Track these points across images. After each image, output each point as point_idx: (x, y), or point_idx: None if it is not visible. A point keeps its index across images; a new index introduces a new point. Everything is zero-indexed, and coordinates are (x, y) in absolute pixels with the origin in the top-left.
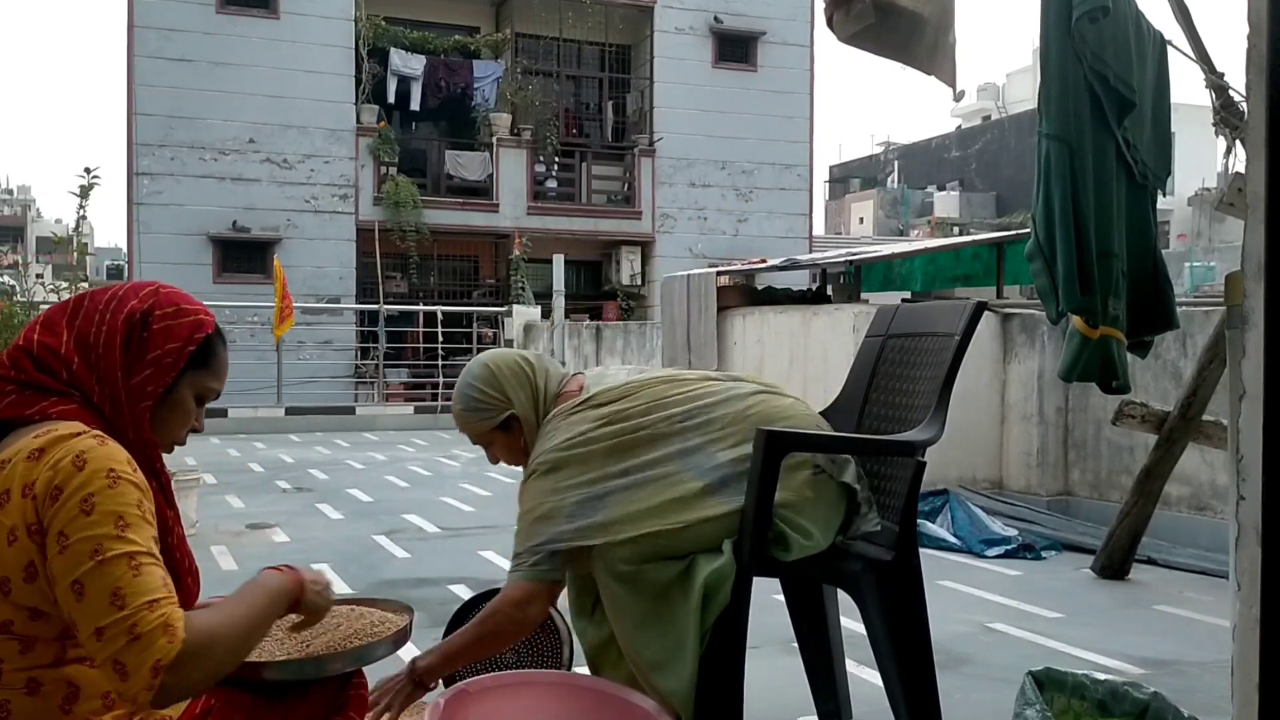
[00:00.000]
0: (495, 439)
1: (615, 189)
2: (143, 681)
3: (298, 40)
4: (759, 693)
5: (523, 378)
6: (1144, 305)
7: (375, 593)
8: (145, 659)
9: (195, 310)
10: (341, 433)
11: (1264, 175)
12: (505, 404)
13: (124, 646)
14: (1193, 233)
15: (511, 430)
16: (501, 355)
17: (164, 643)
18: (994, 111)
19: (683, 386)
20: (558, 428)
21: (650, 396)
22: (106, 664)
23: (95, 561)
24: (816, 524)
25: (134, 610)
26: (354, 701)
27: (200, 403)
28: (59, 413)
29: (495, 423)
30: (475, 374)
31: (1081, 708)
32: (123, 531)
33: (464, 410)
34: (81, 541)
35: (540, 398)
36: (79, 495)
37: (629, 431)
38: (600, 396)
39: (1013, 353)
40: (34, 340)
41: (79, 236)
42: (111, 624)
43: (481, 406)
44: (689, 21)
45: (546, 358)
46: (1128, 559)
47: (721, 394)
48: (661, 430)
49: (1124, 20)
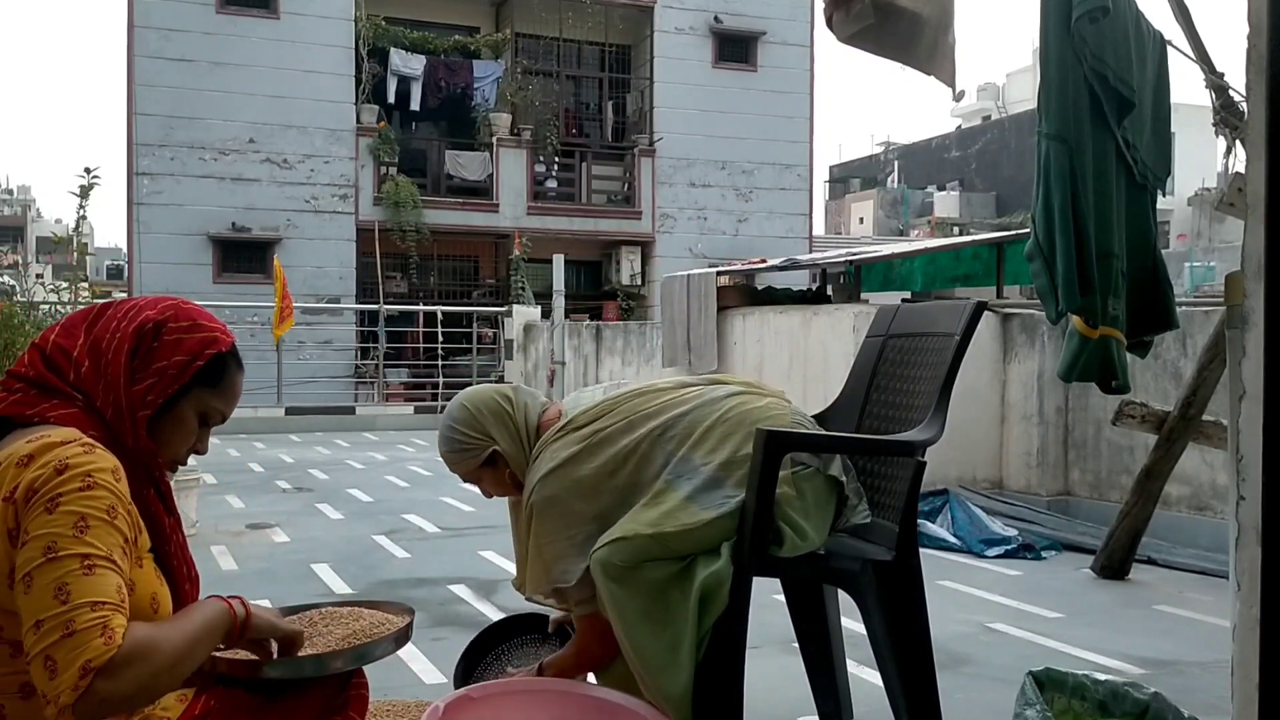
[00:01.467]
0: (484, 475)
1: (615, 189)
2: (70, 680)
3: (298, 40)
4: (759, 693)
5: (501, 414)
6: (1144, 305)
7: (375, 593)
8: (76, 657)
9: (212, 328)
10: (341, 433)
11: (1264, 175)
12: (487, 441)
13: (57, 641)
14: (1193, 233)
15: (497, 465)
16: (478, 394)
17: (99, 643)
18: (994, 111)
19: (658, 397)
20: (541, 457)
21: (626, 412)
22: (39, 659)
23: (47, 558)
24: (808, 520)
25: (74, 606)
26: (354, 701)
27: (205, 423)
28: (58, 416)
29: (480, 460)
30: (455, 416)
31: (1082, 708)
32: (81, 533)
33: (449, 452)
34: (39, 538)
35: (522, 431)
36: (48, 496)
37: (611, 453)
38: (578, 419)
39: (1013, 353)
40: (50, 340)
41: (79, 236)
42: (50, 617)
43: (465, 447)
44: (689, 21)
45: (524, 389)
46: (1128, 559)
47: (695, 400)
48: (643, 448)
49: (1124, 20)
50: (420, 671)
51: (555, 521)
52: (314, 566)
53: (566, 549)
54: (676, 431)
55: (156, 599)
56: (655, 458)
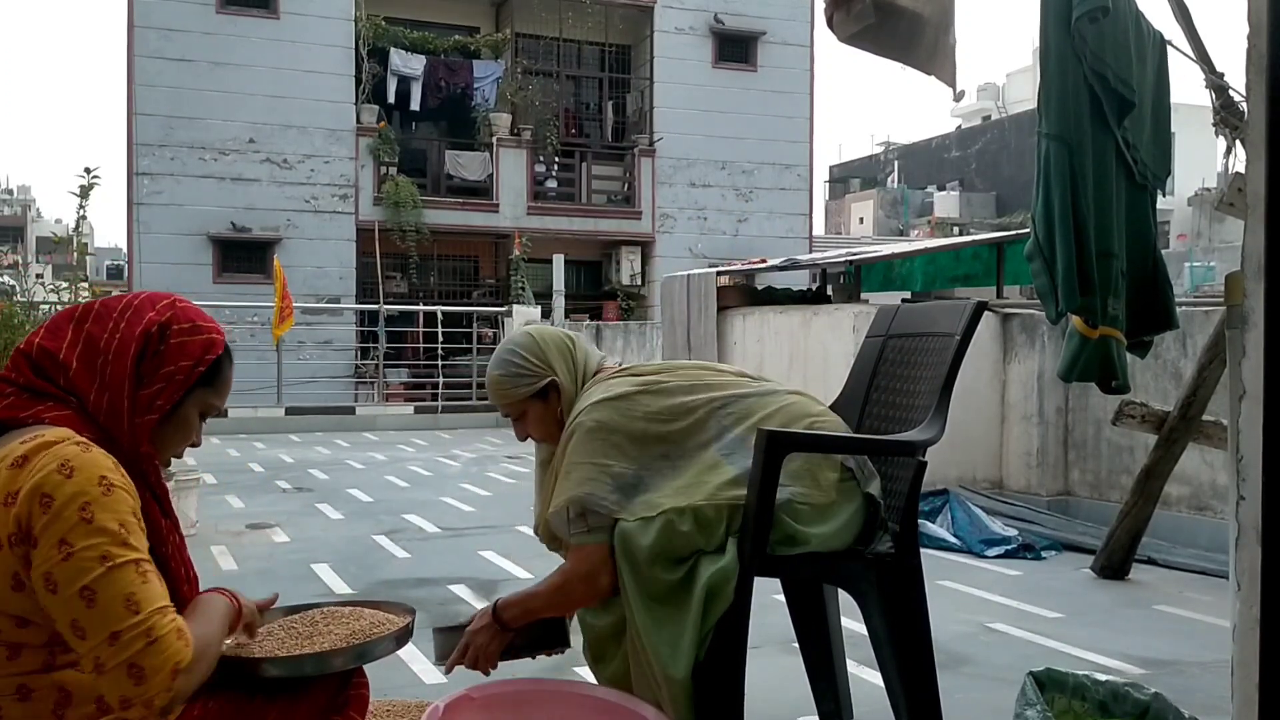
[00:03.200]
0: (530, 408)
1: (615, 189)
2: (162, 683)
3: (298, 40)
4: (759, 693)
5: (565, 349)
6: (1144, 305)
7: (375, 593)
8: (165, 661)
9: (209, 328)
10: (341, 433)
11: (1264, 175)
12: (546, 371)
13: (142, 650)
14: (1193, 233)
15: (548, 400)
16: (544, 327)
17: (181, 645)
18: (994, 111)
19: (721, 375)
20: (594, 389)
21: (689, 376)
22: (120, 668)
23: (106, 568)
24: (838, 526)
25: (149, 615)
26: (354, 701)
27: (201, 418)
28: (52, 418)
29: (533, 390)
30: (518, 341)
31: (1082, 709)
32: (127, 539)
33: (503, 376)
34: (89, 549)
35: (578, 371)
36: (76, 503)
37: (669, 403)
38: (638, 368)
39: (1013, 353)
40: (34, 344)
41: (79, 236)
42: (128, 628)
43: (523, 373)
44: (689, 21)
45: (585, 339)
46: (1128, 559)
47: (755, 388)
48: (700, 413)
49: (1124, 20)
50: (420, 671)
51: (599, 445)
52: (314, 566)
53: (599, 475)
54: (735, 410)
55: None
56: (709, 426)
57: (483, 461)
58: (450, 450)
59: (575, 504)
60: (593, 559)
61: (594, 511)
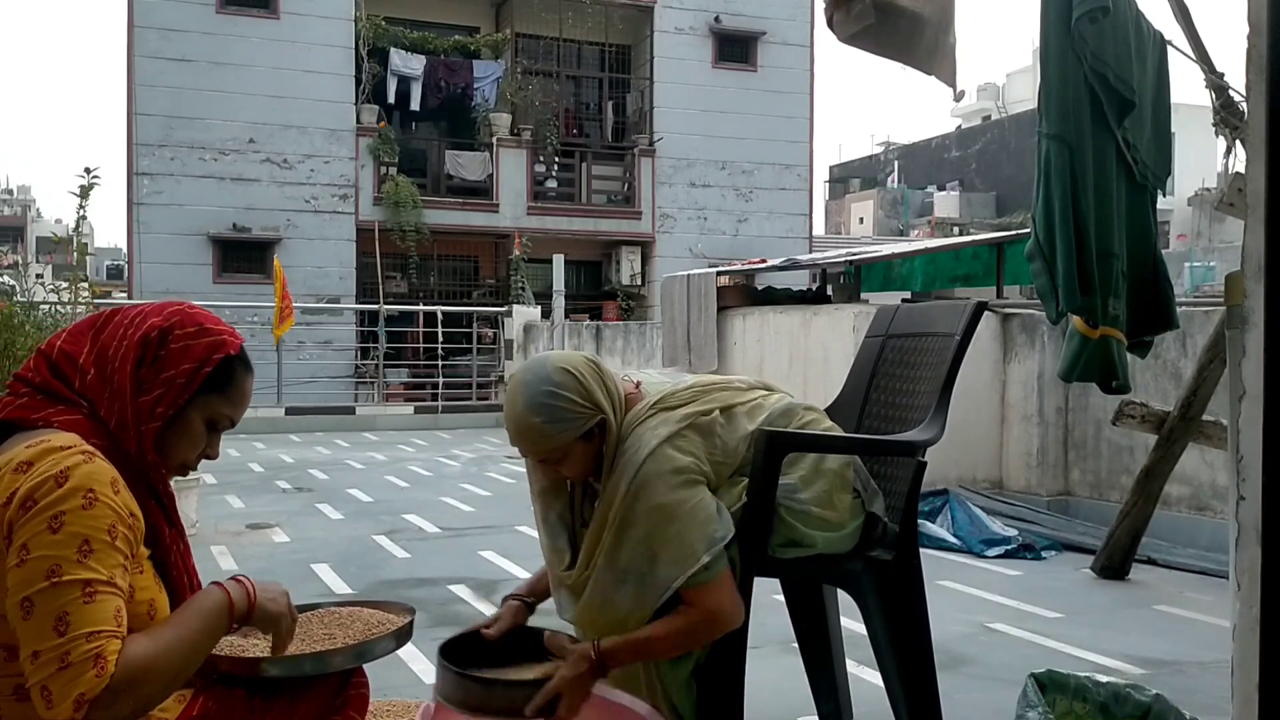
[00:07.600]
0: (574, 450)
1: (615, 189)
2: (65, 712)
3: (298, 40)
4: (759, 693)
5: (600, 381)
6: (1144, 305)
7: (375, 593)
8: (70, 690)
9: (218, 331)
10: (341, 433)
11: (1264, 175)
12: (594, 410)
13: (53, 674)
14: (1193, 233)
15: (592, 439)
16: (573, 360)
17: (91, 675)
18: (994, 111)
19: (741, 395)
20: (642, 435)
21: (718, 403)
22: (36, 688)
23: (49, 582)
24: (842, 536)
25: (71, 638)
26: (354, 701)
27: (213, 429)
28: (62, 422)
29: (582, 432)
30: (560, 383)
31: (1083, 710)
32: (84, 557)
33: (548, 423)
34: (40, 559)
35: (619, 402)
36: (50, 511)
37: (707, 440)
38: (667, 400)
39: (1013, 353)
40: (56, 346)
41: (79, 236)
42: (48, 649)
43: (570, 416)
44: (689, 21)
45: (594, 354)
46: (1128, 559)
47: (774, 407)
48: (740, 448)
49: (1124, 20)
50: (420, 672)
51: (688, 490)
52: (314, 566)
53: (710, 512)
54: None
55: (154, 606)
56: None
57: (482, 461)
58: (450, 450)
59: (711, 551)
60: (725, 584)
61: (720, 547)
